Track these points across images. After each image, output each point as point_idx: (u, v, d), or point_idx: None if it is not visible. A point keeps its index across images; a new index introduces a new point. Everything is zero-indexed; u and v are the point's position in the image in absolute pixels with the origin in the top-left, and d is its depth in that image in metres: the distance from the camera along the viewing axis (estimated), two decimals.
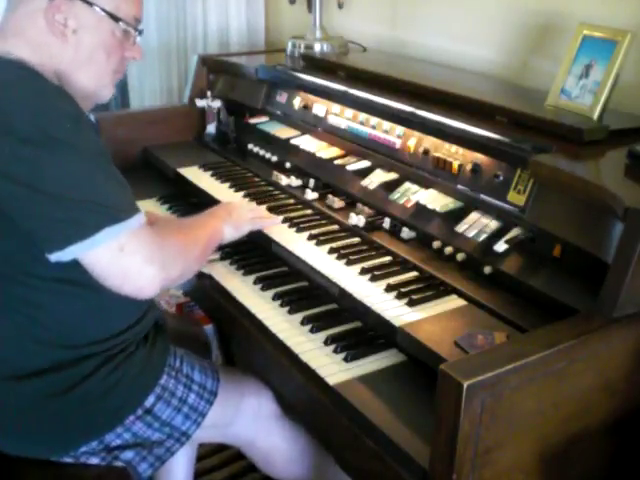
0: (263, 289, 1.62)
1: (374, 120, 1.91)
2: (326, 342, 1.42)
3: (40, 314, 1.33)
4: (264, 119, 2.30)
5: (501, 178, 1.55)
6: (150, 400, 1.43)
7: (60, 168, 1.20)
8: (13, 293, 1.32)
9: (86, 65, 1.38)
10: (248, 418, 1.61)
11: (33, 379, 1.33)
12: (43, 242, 1.23)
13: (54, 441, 1.40)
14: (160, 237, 1.33)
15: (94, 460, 1.43)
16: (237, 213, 1.69)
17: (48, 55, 1.34)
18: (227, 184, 2.06)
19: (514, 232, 1.47)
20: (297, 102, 2.18)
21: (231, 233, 1.65)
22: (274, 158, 2.14)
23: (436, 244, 1.58)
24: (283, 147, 2.14)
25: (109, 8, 1.37)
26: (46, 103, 1.24)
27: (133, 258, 1.25)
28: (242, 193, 1.99)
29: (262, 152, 2.20)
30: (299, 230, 1.74)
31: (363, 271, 1.54)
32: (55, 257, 1.22)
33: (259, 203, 1.92)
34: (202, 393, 1.51)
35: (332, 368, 1.34)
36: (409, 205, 1.69)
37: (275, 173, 2.04)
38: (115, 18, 1.38)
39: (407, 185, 1.75)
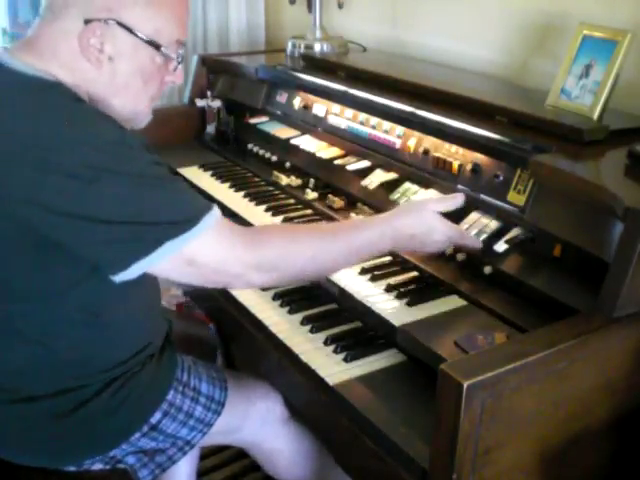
0: (263, 289, 1.62)
1: (374, 120, 1.91)
2: (326, 342, 1.42)
3: (54, 343, 1.29)
4: (264, 119, 2.30)
5: (501, 178, 1.55)
6: (156, 417, 1.40)
7: (107, 196, 1.14)
8: (31, 321, 1.28)
9: (122, 92, 1.29)
10: (255, 424, 1.59)
11: (39, 401, 1.30)
12: (105, 267, 1.19)
13: (59, 456, 1.38)
14: (249, 235, 1.25)
15: (97, 466, 1.42)
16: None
17: (82, 79, 1.25)
18: (227, 184, 2.07)
19: (514, 232, 1.47)
20: (297, 102, 2.18)
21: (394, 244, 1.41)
22: (274, 158, 2.14)
23: None
24: (283, 147, 2.14)
25: (150, 33, 1.25)
26: (88, 133, 1.17)
27: (208, 260, 1.19)
28: (242, 193, 1.99)
29: (262, 152, 2.20)
30: None
31: (363, 271, 1.54)
32: (120, 277, 1.18)
33: (259, 203, 1.92)
34: (209, 405, 1.48)
35: (332, 368, 1.34)
36: None
37: (275, 173, 2.04)
38: (156, 45, 1.27)
39: (407, 185, 1.75)
